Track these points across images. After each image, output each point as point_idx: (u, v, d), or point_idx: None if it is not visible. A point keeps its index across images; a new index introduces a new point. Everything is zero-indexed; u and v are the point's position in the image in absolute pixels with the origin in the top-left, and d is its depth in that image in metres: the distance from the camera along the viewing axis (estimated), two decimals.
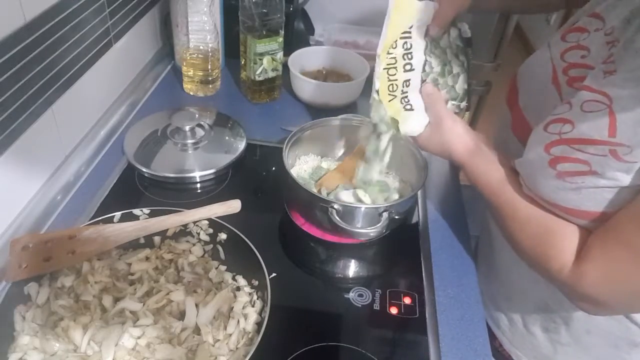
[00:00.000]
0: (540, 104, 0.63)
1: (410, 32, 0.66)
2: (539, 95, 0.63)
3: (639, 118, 0.46)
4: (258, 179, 0.91)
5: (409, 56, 0.67)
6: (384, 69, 0.67)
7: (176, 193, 0.85)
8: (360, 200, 0.76)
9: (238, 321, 0.60)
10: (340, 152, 0.89)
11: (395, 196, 0.79)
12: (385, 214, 0.70)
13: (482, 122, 1.65)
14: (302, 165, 0.86)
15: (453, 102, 0.72)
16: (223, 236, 0.68)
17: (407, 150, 0.81)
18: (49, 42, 0.72)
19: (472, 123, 1.64)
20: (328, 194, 0.79)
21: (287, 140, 0.79)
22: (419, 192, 0.87)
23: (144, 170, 0.86)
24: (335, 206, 0.69)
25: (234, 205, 0.69)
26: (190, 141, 0.91)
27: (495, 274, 0.78)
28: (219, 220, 0.68)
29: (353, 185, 0.79)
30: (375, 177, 0.77)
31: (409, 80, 0.68)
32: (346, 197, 0.76)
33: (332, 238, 0.77)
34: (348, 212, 0.70)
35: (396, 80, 0.68)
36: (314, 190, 0.76)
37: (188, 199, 0.83)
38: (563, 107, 0.54)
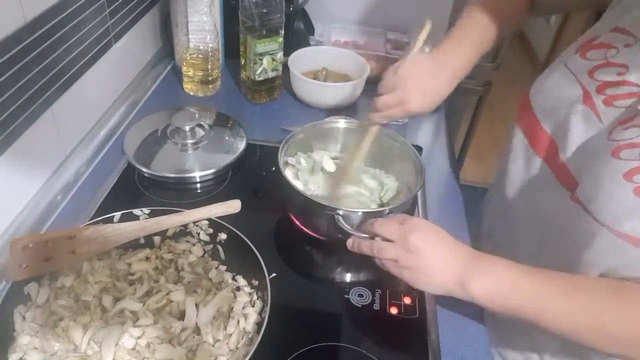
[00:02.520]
0: (569, 125, 0.59)
1: None
2: (569, 117, 0.60)
3: None
4: (258, 179, 0.91)
5: None
6: None
7: (176, 193, 0.85)
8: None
9: (238, 321, 0.60)
10: (338, 153, 0.88)
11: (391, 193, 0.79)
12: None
13: (482, 121, 1.65)
14: (300, 166, 0.86)
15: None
16: (223, 236, 0.68)
17: (405, 155, 0.81)
18: (49, 42, 0.72)
19: (472, 123, 1.64)
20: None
21: (282, 144, 0.78)
22: (419, 192, 0.87)
23: (144, 170, 0.86)
24: (341, 212, 0.68)
25: (234, 205, 0.69)
26: (190, 141, 0.91)
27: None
28: (219, 220, 0.68)
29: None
30: None
31: None
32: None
33: (331, 238, 0.76)
34: (351, 216, 0.69)
35: None
36: (308, 194, 0.74)
37: (188, 199, 0.83)
38: (632, 132, 0.51)
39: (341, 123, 0.86)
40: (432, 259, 0.59)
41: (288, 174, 0.79)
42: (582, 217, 0.54)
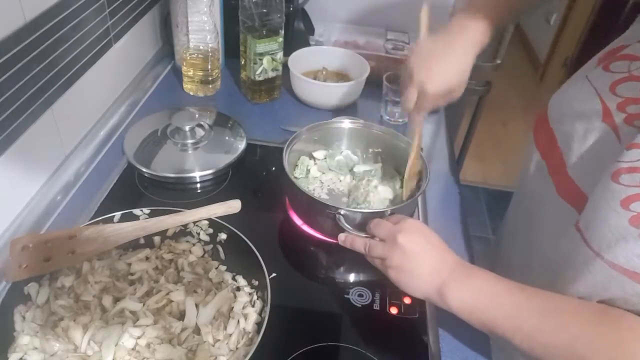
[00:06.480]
0: (588, 146, 0.55)
1: None
2: (586, 136, 0.55)
3: None
4: (258, 179, 0.90)
5: None
6: None
7: (176, 193, 0.85)
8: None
9: (238, 321, 0.60)
10: (341, 153, 0.89)
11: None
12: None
13: (482, 121, 1.65)
14: (303, 168, 0.86)
15: None
16: (223, 236, 0.68)
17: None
18: (49, 42, 0.72)
19: (472, 123, 1.64)
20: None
21: (287, 143, 0.79)
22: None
23: (144, 170, 0.86)
24: (342, 212, 0.69)
25: (234, 205, 0.69)
26: (190, 141, 0.91)
27: None
28: (219, 220, 0.68)
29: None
30: None
31: None
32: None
33: (332, 238, 0.76)
34: (352, 216, 0.69)
35: None
36: (317, 195, 0.75)
37: (188, 199, 0.83)
38: (634, 153, 0.46)
39: (346, 123, 0.86)
40: (416, 262, 0.59)
41: (291, 172, 0.79)
42: (580, 246, 0.51)
